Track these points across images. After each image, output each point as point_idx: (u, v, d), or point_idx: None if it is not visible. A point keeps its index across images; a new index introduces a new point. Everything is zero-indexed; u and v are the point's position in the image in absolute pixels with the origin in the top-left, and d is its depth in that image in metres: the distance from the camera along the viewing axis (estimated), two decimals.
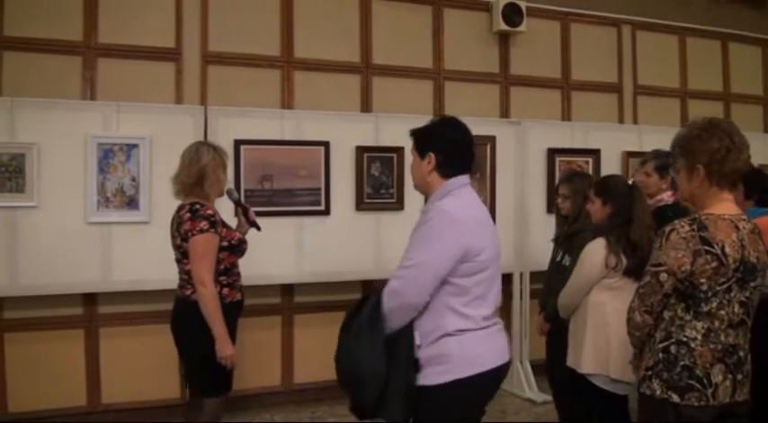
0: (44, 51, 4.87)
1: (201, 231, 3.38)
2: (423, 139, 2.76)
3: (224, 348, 3.39)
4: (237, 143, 5.02)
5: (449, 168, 2.68)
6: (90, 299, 4.93)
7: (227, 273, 3.53)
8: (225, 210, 3.94)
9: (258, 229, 3.85)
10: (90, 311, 4.96)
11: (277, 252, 5.08)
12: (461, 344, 2.55)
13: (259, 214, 3.93)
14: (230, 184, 4.08)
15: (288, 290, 5.47)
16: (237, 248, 3.59)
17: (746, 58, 7.37)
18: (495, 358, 2.63)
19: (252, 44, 5.40)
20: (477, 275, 2.58)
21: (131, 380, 5.01)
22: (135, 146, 4.80)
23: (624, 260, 3.36)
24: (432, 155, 2.69)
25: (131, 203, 4.79)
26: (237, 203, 3.89)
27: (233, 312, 3.57)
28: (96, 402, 4.95)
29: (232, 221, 3.80)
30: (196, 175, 3.51)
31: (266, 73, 5.45)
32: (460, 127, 2.75)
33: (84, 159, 4.70)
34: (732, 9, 7.20)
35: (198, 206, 3.45)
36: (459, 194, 2.67)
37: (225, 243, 3.49)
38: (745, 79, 7.35)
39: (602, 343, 3.38)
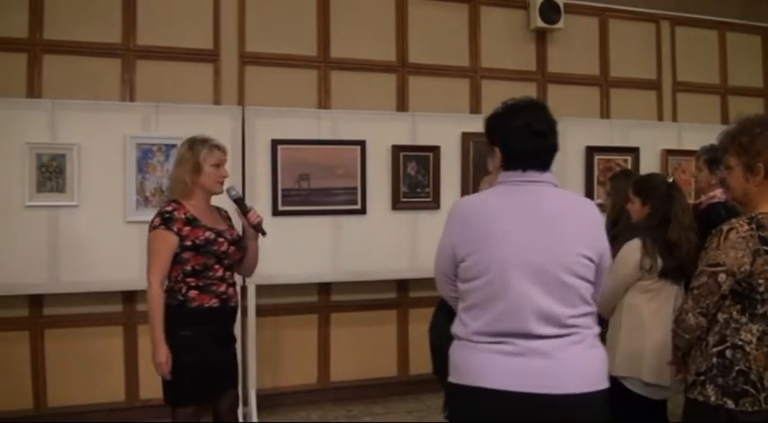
0: (84, 54, 4.94)
1: (154, 228, 3.21)
2: (486, 130, 2.44)
3: (156, 353, 3.15)
4: (275, 143, 5.04)
5: (507, 162, 2.34)
6: (129, 296, 4.99)
7: (196, 275, 3.23)
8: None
9: (263, 234, 3.42)
10: (129, 309, 5.02)
11: (314, 251, 5.09)
12: (453, 349, 2.32)
13: (296, 213, 3.87)
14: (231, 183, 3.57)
15: (324, 288, 5.48)
16: (204, 249, 3.22)
17: None
18: (487, 379, 2.16)
19: (288, 45, 5.42)
20: (470, 283, 2.24)
21: None
22: (174, 146, 4.79)
23: (660, 262, 3.30)
24: (496, 148, 2.37)
25: None
26: (236, 203, 3.44)
27: (201, 318, 3.24)
28: (134, 398, 5.01)
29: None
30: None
31: (303, 73, 5.47)
32: (523, 112, 2.41)
33: (124, 159, 4.76)
34: None
35: (165, 203, 3.33)
36: (495, 189, 2.35)
37: (188, 242, 3.20)
38: None
39: (637, 346, 3.30)
